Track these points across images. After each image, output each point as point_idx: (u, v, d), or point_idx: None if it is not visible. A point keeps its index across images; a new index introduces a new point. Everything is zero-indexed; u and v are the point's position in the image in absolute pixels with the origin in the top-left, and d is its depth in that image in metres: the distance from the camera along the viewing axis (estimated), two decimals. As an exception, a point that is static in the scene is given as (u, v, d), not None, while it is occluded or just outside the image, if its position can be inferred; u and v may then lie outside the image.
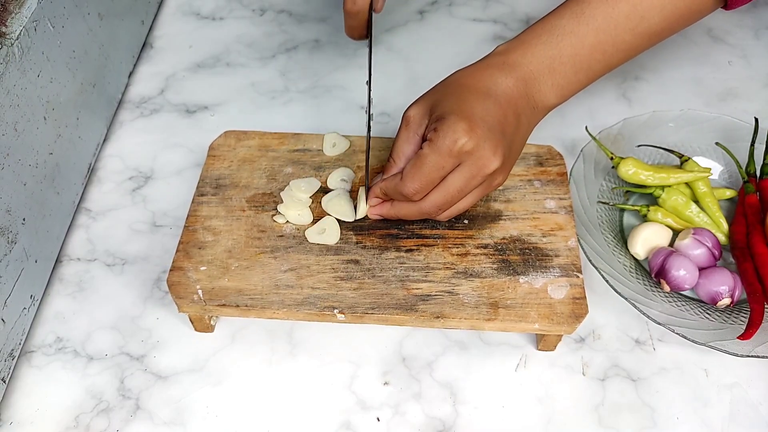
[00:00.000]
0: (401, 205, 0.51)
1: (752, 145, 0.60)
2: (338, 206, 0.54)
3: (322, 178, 0.57)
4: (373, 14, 0.60)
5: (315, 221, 0.54)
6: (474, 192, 0.50)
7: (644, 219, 0.59)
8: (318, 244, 0.53)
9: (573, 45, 0.50)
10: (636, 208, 0.58)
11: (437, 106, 0.49)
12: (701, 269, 0.54)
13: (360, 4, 0.58)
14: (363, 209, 0.53)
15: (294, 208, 0.54)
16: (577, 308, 0.49)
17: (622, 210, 0.60)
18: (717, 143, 0.61)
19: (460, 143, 0.46)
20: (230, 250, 0.52)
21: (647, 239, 0.56)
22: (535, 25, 0.52)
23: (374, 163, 0.58)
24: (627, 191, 0.61)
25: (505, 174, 0.50)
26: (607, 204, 0.59)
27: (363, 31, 0.60)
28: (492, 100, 0.48)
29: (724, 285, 0.53)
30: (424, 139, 0.49)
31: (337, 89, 0.72)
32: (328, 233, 0.53)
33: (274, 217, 0.54)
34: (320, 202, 0.55)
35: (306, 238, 0.53)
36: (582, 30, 0.50)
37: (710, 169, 0.59)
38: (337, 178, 0.57)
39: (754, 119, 0.60)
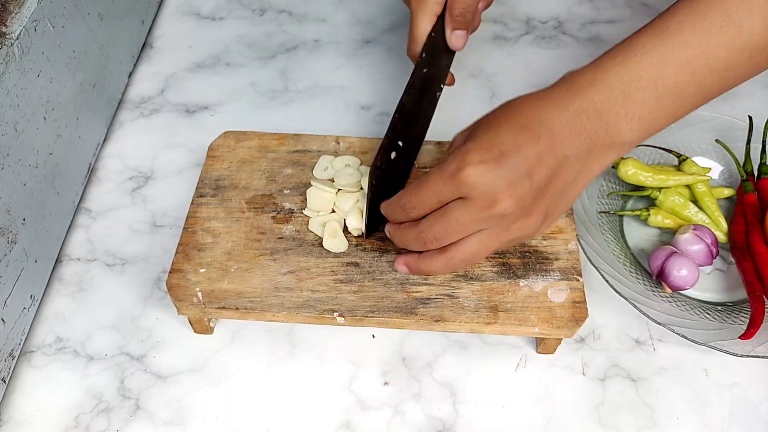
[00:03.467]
0: (402, 228, 0.47)
1: (748, 143, 0.60)
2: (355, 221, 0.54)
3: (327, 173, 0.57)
4: (454, 57, 0.57)
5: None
6: (485, 234, 0.44)
7: (646, 223, 0.59)
8: (320, 247, 0.53)
9: (655, 65, 0.41)
10: (636, 213, 0.58)
11: (472, 132, 0.44)
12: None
13: (413, 50, 0.56)
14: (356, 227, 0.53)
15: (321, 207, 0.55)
16: (577, 312, 0.49)
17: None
18: (717, 140, 0.61)
19: (462, 171, 0.41)
20: (230, 252, 0.52)
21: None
22: (613, 47, 0.44)
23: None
24: (624, 195, 0.61)
25: (528, 222, 0.43)
26: (608, 213, 0.59)
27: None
28: (528, 136, 0.42)
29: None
30: None
31: (337, 89, 0.72)
32: (338, 241, 0.53)
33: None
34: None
35: (312, 234, 0.53)
36: (665, 46, 0.41)
37: (710, 169, 0.59)
38: (345, 173, 0.57)
39: (748, 118, 0.61)
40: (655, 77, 0.41)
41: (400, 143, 0.53)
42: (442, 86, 0.58)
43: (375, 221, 0.52)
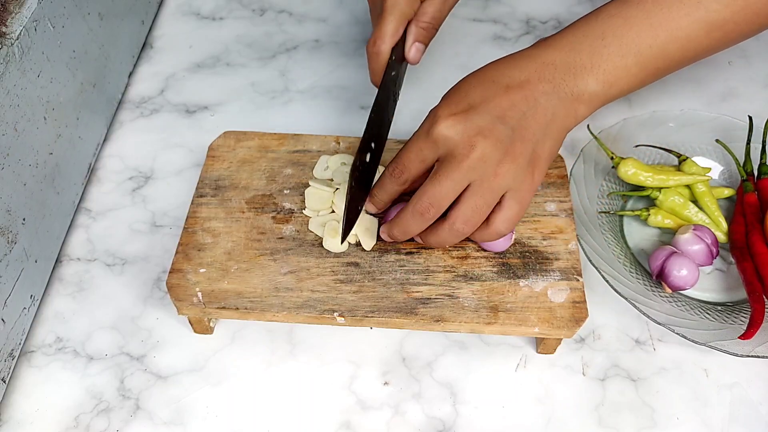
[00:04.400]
0: (399, 216, 0.49)
1: (748, 143, 0.60)
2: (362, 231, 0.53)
3: (326, 173, 0.57)
4: (407, 67, 0.57)
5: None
6: (476, 187, 0.45)
7: (646, 223, 0.59)
8: (320, 247, 0.53)
9: (619, 26, 0.46)
10: (636, 213, 0.58)
11: (444, 96, 0.48)
12: None
13: (379, 45, 0.55)
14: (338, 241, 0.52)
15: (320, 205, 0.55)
16: (577, 312, 0.49)
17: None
18: (717, 140, 0.61)
19: (435, 127, 0.45)
20: (230, 252, 0.52)
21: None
22: (583, 16, 0.48)
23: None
24: (624, 195, 0.61)
25: (515, 162, 0.45)
26: (608, 213, 0.59)
27: (380, 78, 0.56)
28: (497, 87, 0.45)
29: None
30: None
31: (337, 89, 0.72)
32: (338, 241, 0.53)
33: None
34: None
35: (312, 234, 0.53)
36: (630, 11, 0.46)
37: (710, 169, 0.59)
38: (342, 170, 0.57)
39: (748, 118, 0.61)
40: (619, 36, 0.46)
41: (373, 144, 0.52)
42: (398, 92, 0.57)
43: (351, 223, 0.51)
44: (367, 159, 0.52)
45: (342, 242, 0.51)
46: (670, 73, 0.49)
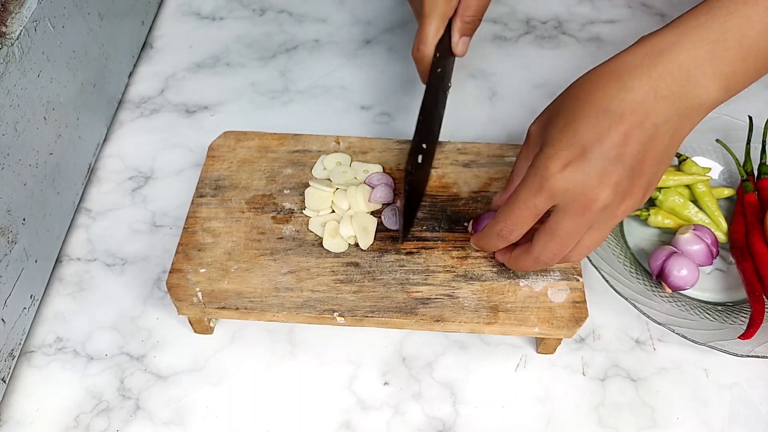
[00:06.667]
0: (516, 256, 0.47)
1: (748, 143, 0.60)
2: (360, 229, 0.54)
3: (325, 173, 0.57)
4: (455, 59, 0.57)
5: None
6: (595, 230, 0.43)
7: (646, 223, 0.59)
8: (320, 247, 0.53)
9: (739, 26, 0.41)
10: (636, 213, 0.58)
11: (548, 127, 0.43)
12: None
13: (423, 50, 0.55)
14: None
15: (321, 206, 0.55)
16: (577, 312, 0.49)
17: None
18: (717, 140, 0.61)
19: (549, 182, 0.40)
20: (230, 252, 0.52)
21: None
22: (689, 11, 0.43)
23: (376, 162, 0.58)
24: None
25: (632, 197, 0.42)
26: None
27: (427, 78, 0.56)
28: (609, 119, 0.40)
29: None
30: None
31: (337, 89, 0.72)
32: (338, 240, 0.53)
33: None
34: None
35: (312, 234, 0.53)
36: (749, 8, 0.41)
37: (710, 169, 0.59)
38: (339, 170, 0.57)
39: (748, 118, 0.61)
40: (740, 37, 0.41)
41: (424, 146, 0.53)
42: (450, 84, 0.58)
43: (409, 225, 0.52)
44: (419, 160, 0.52)
45: (401, 242, 0.52)
46: None
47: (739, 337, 0.50)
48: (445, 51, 0.57)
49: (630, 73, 0.41)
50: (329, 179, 0.57)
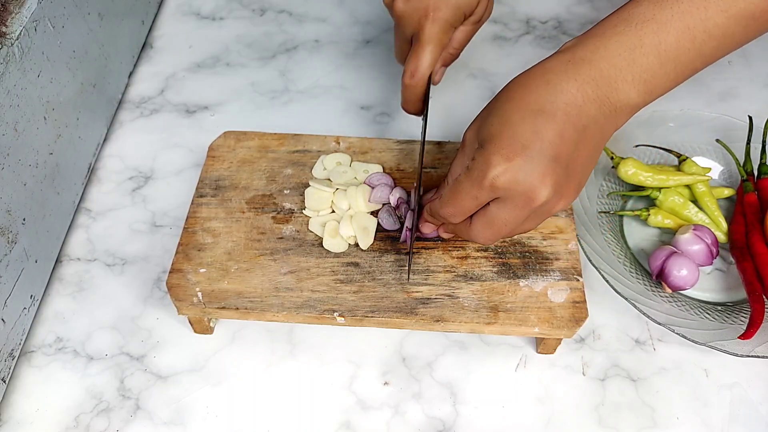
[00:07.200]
0: (454, 230, 0.49)
1: (748, 143, 0.60)
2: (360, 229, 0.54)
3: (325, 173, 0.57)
4: (431, 86, 0.57)
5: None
6: (531, 220, 0.45)
7: (646, 223, 0.59)
8: (320, 247, 0.53)
9: (655, 32, 0.42)
10: (636, 213, 0.58)
11: (483, 128, 0.44)
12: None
13: (418, 78, 0.54)
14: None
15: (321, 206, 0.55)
16: (577, 312, 0.49)
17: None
18: (717, 140, 0.61)
19: (492, 177, 0.42)
20: (230, 252, 0.52)
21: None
22: (607, 17, 0.44)
23: (376, 162, 0.58)
24: (624, 195, 0.61)
25: (567, 197, 0.44)
26: (608, 213, 0.59)
27: (419, 105, 0.56)
28: (544, 118, 0.42)
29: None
30: None
31: (337, 89, 0.72)
32: (338, 240, 0.53)
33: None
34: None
35: (312, 234, 0.53)
36: (665, 15, 0.42)
37: (710, 169, 0.59)
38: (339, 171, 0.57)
39: (748, 118, 0.61)
40: (657, 44, 0.42)
41: (424, 149, 0.54)
42: (427, 114, 0.57)
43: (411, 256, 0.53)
44: (421, 192, 0.53)
45: (407, 278, 0.51)
46: (703, 68, 0.46)
47: (739, 337, 0.50)
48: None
49: (558, 77, 0.43)
50: (329, 179, 0.57)
